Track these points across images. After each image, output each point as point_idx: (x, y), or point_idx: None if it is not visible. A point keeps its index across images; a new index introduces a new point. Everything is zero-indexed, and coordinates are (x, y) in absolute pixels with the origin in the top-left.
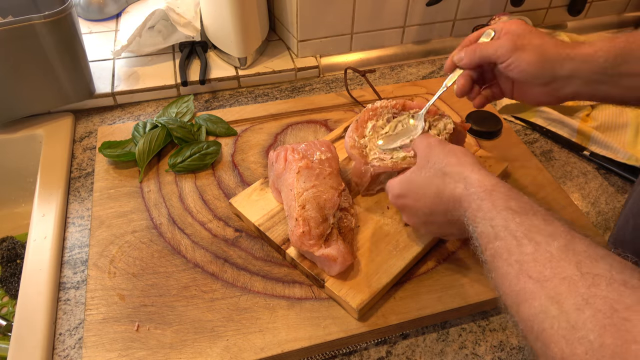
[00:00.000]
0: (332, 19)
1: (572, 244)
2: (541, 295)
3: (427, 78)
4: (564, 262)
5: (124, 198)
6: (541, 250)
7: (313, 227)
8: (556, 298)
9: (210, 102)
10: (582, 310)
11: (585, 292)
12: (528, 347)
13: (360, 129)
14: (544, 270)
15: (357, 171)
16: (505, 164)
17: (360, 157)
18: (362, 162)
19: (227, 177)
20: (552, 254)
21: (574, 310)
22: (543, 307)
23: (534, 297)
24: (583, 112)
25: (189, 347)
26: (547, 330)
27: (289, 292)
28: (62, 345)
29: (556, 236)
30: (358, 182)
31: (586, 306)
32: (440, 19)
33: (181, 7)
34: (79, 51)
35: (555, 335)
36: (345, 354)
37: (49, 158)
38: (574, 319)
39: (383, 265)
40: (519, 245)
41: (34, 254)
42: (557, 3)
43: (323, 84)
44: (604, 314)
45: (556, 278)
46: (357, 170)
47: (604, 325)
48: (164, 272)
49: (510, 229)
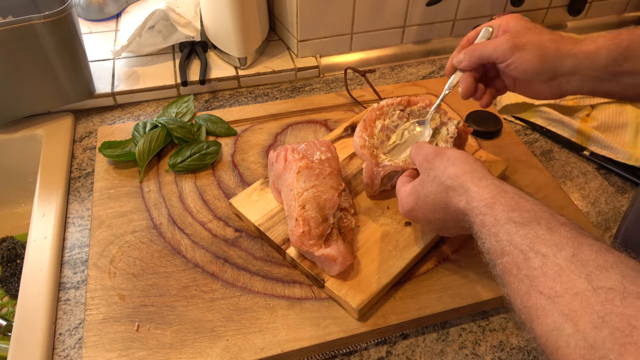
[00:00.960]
0: (332, 19)
1: (580, 252)
2: (554, 312)
3: (427, 78)
4: (574, 276)
5: (124, 198)
6: (549, 264)
7: (313, 227)
8: (570, 315)
9: (210, 102)
10: (599, 328)
11: (600, 309)
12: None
13: (370, 128)
14: (554, 285)
15: (369, 172)
16: (505, 164)
17: (371, 158)
18: (373, 162)
19: (227, 177)
20: (560, 267)
21: (590, 329)
22: (557, 324)
23: (546, 314)
24: (583, 112)
25: (189, 347)
26: (562, 348)
27: (289, 292)
28: (62, 345)
29: (562, 246)
30: (369, 183)
31: (603, 324)
32: (440, 19)
33: (181, 7)
34: (79, 51)
35: (573, 354)
36: (345, 354)
37: (49, 158)
38: (592, 338)
39: (383, 265)
40: (526, 260)
41: (34, 254)
42: (557, 3)
43: (323, 84)
44: (622, 332)
45: (568, 294)
46: (369, 171)
47: (624, 344)
48: (164, 272)
49: (516, 243)
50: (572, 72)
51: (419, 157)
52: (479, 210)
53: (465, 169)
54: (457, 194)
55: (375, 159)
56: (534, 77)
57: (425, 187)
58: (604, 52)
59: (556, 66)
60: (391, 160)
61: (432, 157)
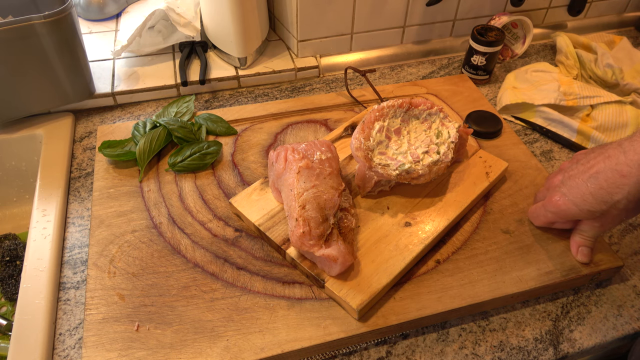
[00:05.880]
0: (332, 19)
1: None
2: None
3: (427, 78)
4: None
5: (123, 197)
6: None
7: (313, 227)
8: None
9: (210, 102)
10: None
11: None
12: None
13: (367, 130)
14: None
15: (361, 175)
16: (505, 164)
17: (365, 161)
18: (366, 166)
19: (227, 176)
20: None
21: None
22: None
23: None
24: (583, 112)
25: (189, 347)
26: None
27: (289, 292)
28: (62, 345)
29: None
30: (360, 185)
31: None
32: (440, 19)
33: (181, 7)
34: (79, 51)
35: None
36: (345, 354)
37: (49, 158)
38: None
39: (383, 266)
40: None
41: (34, 254)
42: (557, 3)
43: (323, 83)
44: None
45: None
46: (361, 174)
47: None
48: (163, 272)
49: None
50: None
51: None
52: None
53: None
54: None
55: (369, 162)
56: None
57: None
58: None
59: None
60: (383, 168)
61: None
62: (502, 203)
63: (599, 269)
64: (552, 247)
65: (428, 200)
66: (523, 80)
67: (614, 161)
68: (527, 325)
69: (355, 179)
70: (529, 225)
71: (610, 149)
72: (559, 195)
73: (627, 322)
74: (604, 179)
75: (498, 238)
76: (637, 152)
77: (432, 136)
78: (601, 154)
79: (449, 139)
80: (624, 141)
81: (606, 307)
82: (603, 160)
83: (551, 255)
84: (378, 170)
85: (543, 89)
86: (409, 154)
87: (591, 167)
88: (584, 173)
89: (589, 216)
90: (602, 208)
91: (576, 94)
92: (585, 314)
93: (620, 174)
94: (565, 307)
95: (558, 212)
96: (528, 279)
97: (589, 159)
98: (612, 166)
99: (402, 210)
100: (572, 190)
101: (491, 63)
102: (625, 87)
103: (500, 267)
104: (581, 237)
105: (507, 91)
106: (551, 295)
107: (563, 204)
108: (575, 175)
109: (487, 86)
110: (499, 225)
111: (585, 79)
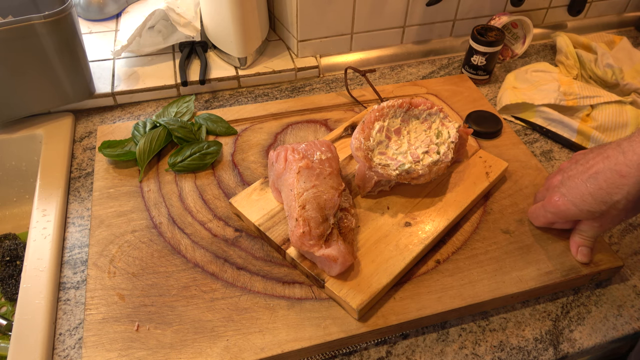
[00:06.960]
0: (332, 19)
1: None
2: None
3: (427, 78)
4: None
5: (123, 197)
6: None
7: (313, 227)
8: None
9: (210, 102)
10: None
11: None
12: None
13: (367, 130)
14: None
15: (361, 175)
16: (505, 164)
17: (365, 161)
18: (366, 166)
19: (227, 176)
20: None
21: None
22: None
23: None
24: (583, 112)
25: (189, 347)
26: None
27: (289, 292)
28: (62, 345)
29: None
30: (360, 185)
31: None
32: (440, 19)
33: (181, 7)
34: (79, 51)
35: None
36: (345, 354)
37: (49, 158)
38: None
39: (383, 266)
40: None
41: (34, 254)
42: (557, 3)
43: (323, 84)
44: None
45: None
46: (361, 174)
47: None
48: (164, 272)
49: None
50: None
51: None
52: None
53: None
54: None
55: (369, 162)
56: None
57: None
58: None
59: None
60: (383, 168)
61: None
62: (502, 203)
63: (599, 269)
64: (552, 247)
65: (428, 200)
66: (523, 80)
67: (613, 161)
68: (527, 325)
69: (355, 179)
70: (529, 225)
71: (609, 149)
72: (559, 196)
73: (627, 322)
74: (603, 180)
75: (498, 238)
76: (636, 152)
77: (432, 136)
78: (600, 154)
79: (449, 139)
80: (623, 141)
81: (606, 307)
82: (602, 161)
83: (551, 256)
84: (378, 170)
85: (543, 89)
86: (409, 154)
87: (590, 168)
88: (583, 173)
89: (589, 216)
90: (602, 208)
91: (576, 94)
92: (585, 314)
93: (619, 174)
94: (565, 307)
95: (557, 213)
96: (528, 279)
97: (588, 159)
98: (611, 166)
99: (402, 210)
100: (571, 190)
101: (491, 63)
102: (625, 87)
103: (500, 267)
104: (581, 237)
105: (507, 91)
106: (551, 295)
107: (562, 204)
108: (575, 176)
109: (487, 86)
110: (499, 225)
111: (585, 79)
